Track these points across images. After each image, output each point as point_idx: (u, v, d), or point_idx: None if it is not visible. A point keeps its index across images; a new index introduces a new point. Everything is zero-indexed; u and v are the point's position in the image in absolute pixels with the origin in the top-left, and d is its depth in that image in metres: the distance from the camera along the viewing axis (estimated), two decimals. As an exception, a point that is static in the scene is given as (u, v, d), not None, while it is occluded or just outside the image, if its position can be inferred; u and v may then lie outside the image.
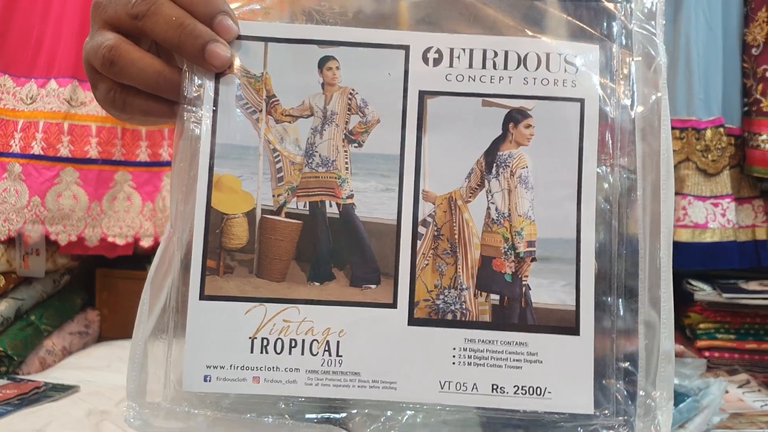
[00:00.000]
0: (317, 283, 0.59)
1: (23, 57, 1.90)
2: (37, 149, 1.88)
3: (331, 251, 0.60)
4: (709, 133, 1.62)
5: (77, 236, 1.94)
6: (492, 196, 0.59)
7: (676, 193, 1.63)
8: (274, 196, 0.60)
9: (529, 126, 0.59)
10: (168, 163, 2.01)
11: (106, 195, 1.97)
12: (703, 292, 1.57)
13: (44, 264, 1.99)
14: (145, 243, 2.01)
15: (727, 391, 1.38)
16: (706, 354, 1.57)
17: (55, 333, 1.97)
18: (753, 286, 1.58)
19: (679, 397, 1.20)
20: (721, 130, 1.63)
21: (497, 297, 0.58)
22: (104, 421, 1.53)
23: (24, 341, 1.90)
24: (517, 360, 0.57)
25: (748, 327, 1.59)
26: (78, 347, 2.03)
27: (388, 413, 0.57)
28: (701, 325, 1.61)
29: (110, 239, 1.97)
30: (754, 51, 1.68)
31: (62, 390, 1.68)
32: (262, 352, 0.58)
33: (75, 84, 1.91)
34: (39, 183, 1.88)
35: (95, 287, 2.17)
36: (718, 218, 1.61)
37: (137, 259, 2.14)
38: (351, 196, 0.60)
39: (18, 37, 1.90)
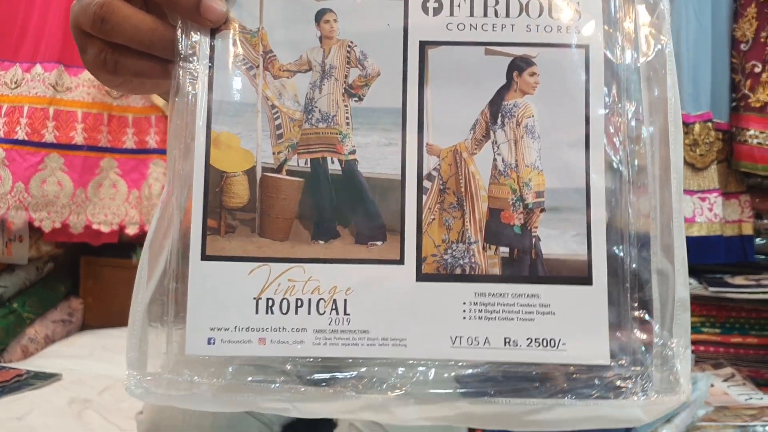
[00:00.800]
0: (322, 242, 0.58)
1: (8, 41, 1.88)
2: (21, 134, 1.86)
3: (335, 208, 0.58)
4: (697, 127, 1.63)
5: (61, 223, 1.92)
6: (498, 147, 0.58)
7: (664, 187, 1.63)
8: (273, 153, 0.59)
9: (533, 74, 0.58)
10: (155, 151, 1.99)
11: (92, 182, 1.95)
12: (689, 285, 1.57)
13: (27, 251, 1.97)
14: (131, 231, 1.99)
15: (712, 385, 1.39)
16: (692, 348, 1.58)
17: (37, 321, 1.96)
18: (739, 280, 1.59)
19: (663, 391, 1.20)
20: (709, 124, 1.64)
21: (506, 250, 0.57)
22: (87, 410, 1.52)
23: (6, 329, 1.88)
24: (529, 312, 0.56)
25: (733, 321, 1.59)
26: (61, 335, 2.02)
27: (399, 371, 0.57)
28: (687, 319, 1.62)
29: (95, 226, 1.96)
30: (743, 46, 1.68)
31: (44, 378, 1.67)
32: (267, 313, 0.57)
33: (61, 69, 1.89)
34: (23, 169, 1.86)
35: (79, 275, 2.15)
36: (705, 212, 1.62)
37: (122, 247, 2.12)
38: (353, 152, 0.58)
39: (3, 21, 1.88)
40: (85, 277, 2.15)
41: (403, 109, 0.59)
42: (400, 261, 0.57)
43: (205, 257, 0.58)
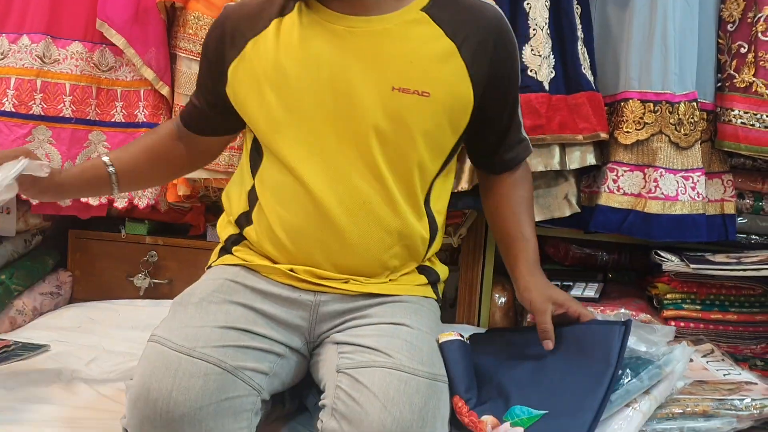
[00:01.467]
0: None
1: (-6, 12, 1.87)
2: (8, 106, 1.85)
3: None
4: (682, 107, 1.64)
5: (49, 196, 1.92)
6: None
7: (648, 166, 1.65)
8: None
9: None
10: (144, 125, 1.99)
11: (80, 155, 1.95)
12: (671, 263, 1.60)
13: (15, 223, 1.97)
14: (119, 204, 1.99)
15: (691, 360, 1.42)
16: (672, 323, 1.60)
17: (25, 293, 1.96)
18: (720, 258, 1.61)
19: (642, 364, 1.23)
20: (695, 104, 1.65)
21: None
22: (75, 380, 1.53)
23: (-6, 300, 1.89)
24: None
25: (713, 298, 1.62)
26: (49, 308, 2.02)
27: None
28: (668, 296, 1.64)
29: (83, 199, 1.96)
30: (729, 27, 1.69)
31: (32, 349, 1.68)
32: None
33: (48, 41, 1.88)
34: (10, 140, 1.85)
35: (67, 248, 2.16)
36: (688, 191, 1.64)
37: (111, 220, 2.13)
38: None
39: (-11, -8, 1.87)
40: (73, 250, 2.14)
41: None
42: None
43: None
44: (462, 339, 1.27)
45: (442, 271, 1.43)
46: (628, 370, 1.21)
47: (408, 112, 1.23)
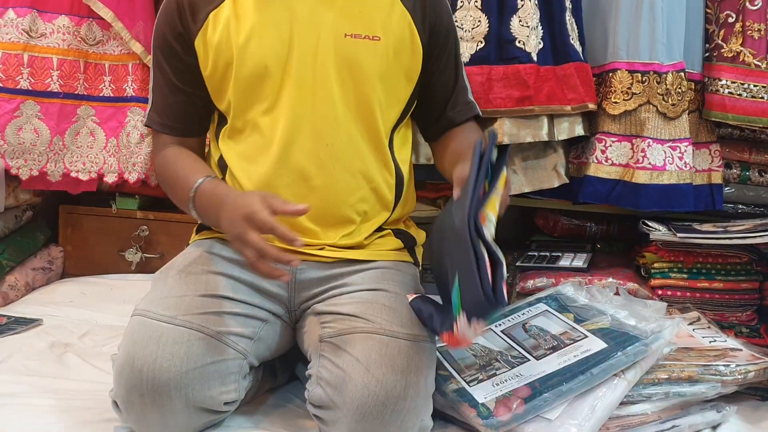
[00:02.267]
0: None
1: (-22, -15, 1.85)
2: (-5, 81, 1.84)
3: None
4: (670, 77, 1.64)
5: (39, 171, 1.92)
6: None
7: (636, 136, 1.66)
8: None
9: None
10: (132, 99, 1.98)
11: (69, 130, 1.95)
12: (659, 232, 1.61)
13: (4, 199, 1.96)
14: (110, 179, 1.99)
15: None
16: (659, 292, 1.62)
17: (17, 268, 1.97)
18: (707, 227, 1.62)
19: (629, 339, 1.24)
20: (682, 74, 1.65)
21: None
22: (67, 353, 1.54)
23: (-15, 276, 1.89)
24: None
25: (700, 266, 1.63)
26: (41, 283, 2.03)
27: None
28: (656, 265, 1.65)
29: (73, 174, 1.96)
30: (717, -3, 1.69)
31: (25, 323, 1.69)
32: None
33: (34, 14, 1.87)
34: (-2, 115, 1.85)
35: (58, 224, 2.16)
36: (675, 161, 1.64)
37: (101, 196, 2.13)
38: None
39: (-27, -35, 1.85)
40: (64, 225, 2.15)
41: None
42: None
43: None
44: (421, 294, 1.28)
45: (419, 235, 1.45)
46: (614, 345, 1.24)
47: (362, 56, 1.28)
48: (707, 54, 1.71)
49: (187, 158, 1.36)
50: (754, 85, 1.64)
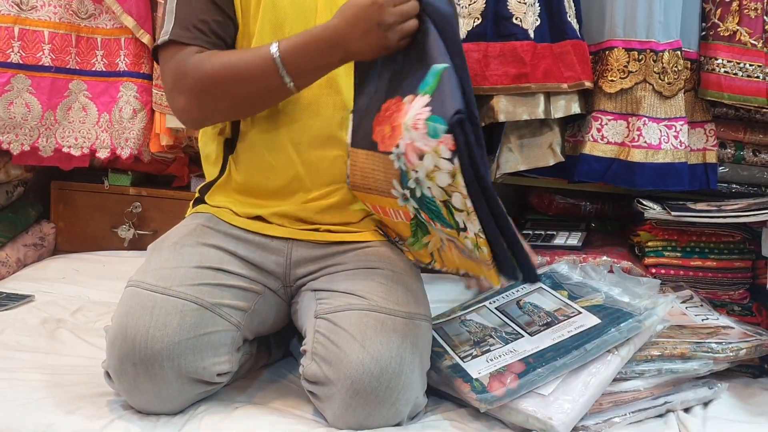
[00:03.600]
0: None
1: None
2: (-15, 54, 1.82)
3: None
4: (666, 55, 1.63)
5: (30, 146, 1.90)
6: None
7: (632, 114, 1.65)
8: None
9: None
10: (125, 74, 1.96)
11: (61, 104, 1.93)
12: (653, 210, 1.61)
13: (-4, 174, 1.96)
14: (102, 155, 1.98)
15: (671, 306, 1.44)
16: (653, 271, 1.62)
17: (8, 245, 1.95)
18: (701, 206, 1.62)
19: (623, 316, 1.25)
20: (679, 53, 1.65)
21: None
22: (59, 329, 1.54)
23: (-23, 251, 1.88)
24: None
25: (693, 245, 1.63)
26: (33, 259, 2.02)
27: None
28: (650, 243, 1.66)
29: (65, 150, 1.94)
30: (715, -25, 1.69)
31: (17, 299, 1.68)
32: None
33: (25, -14, 1.85)
34: (-11, 89, 1.83)
35: (50, 200, 2.15)
36: (671, 140, 1.64)
37: (94, 172, 2.11)
38: None
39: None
40: (56, 201, 2.14)
41: None
42: None
43: None
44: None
45: None
46: (608, 321, 1.24)
47: None
48: (704, 33, 1.70)
49: (229, 50, 1.25)
50: (750, 65, 1.63)
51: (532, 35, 1.62)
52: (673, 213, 1.57)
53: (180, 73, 1.21)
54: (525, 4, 1.61)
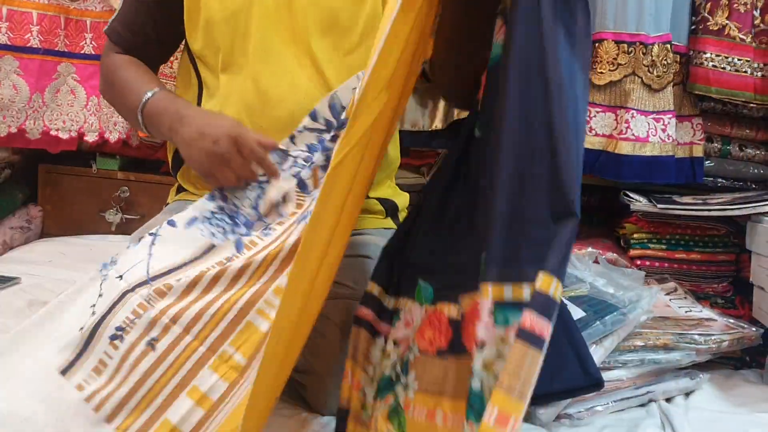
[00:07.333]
0: None
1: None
2: (-27, 35, 1.81)
3: None
4: (656, 48, 1.64)
5: (17, 128, 1.89)
6: None
7: (620, 107, 1.66)
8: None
9: None
10: (113, 57, 1.95)
11: (49, 87, 1.91)
12: (639, 203, 1.62)
13: (-17, 156, 1.94)
14: (90, 138, 1.97)
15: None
16: (638, 263, 1.64)
17: (-5, 227, 1.95)
18: (686, 199, 1.64)
19: (607, 308, 1.26)
20: (668, 46, 1.65)
21: None
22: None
23: (-37, 233, 1.87)
24: None
25: (678, 238, 1.65)
26: (19, 242, 2.01)
27: None
28: (635, 235, 1.67)
29: (53, 132, 1.93)
30: (705, -31, 1.69)
31: (3, 281, 1.67)
32: None
33: (13, -33, 1.83)
34: (-24, 70, 1.81)
35: (38, 183, 2.13)
36: (659, 133, 1.65)
37: (81, 155, 2.10)
38: None
39: None
40: (43, 184, 2.12)
41: None
42: None
43: None
44: None
45: (402, 200, 1.44)
46: (592, 313, 1.25)
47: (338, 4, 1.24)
48: (693, 27, 1.71)
49: (141, 68, 1.31)
50: (738, 59, 1.65)
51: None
52: (658, 206, 1.58)
53: (102, 62, 1.37)
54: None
